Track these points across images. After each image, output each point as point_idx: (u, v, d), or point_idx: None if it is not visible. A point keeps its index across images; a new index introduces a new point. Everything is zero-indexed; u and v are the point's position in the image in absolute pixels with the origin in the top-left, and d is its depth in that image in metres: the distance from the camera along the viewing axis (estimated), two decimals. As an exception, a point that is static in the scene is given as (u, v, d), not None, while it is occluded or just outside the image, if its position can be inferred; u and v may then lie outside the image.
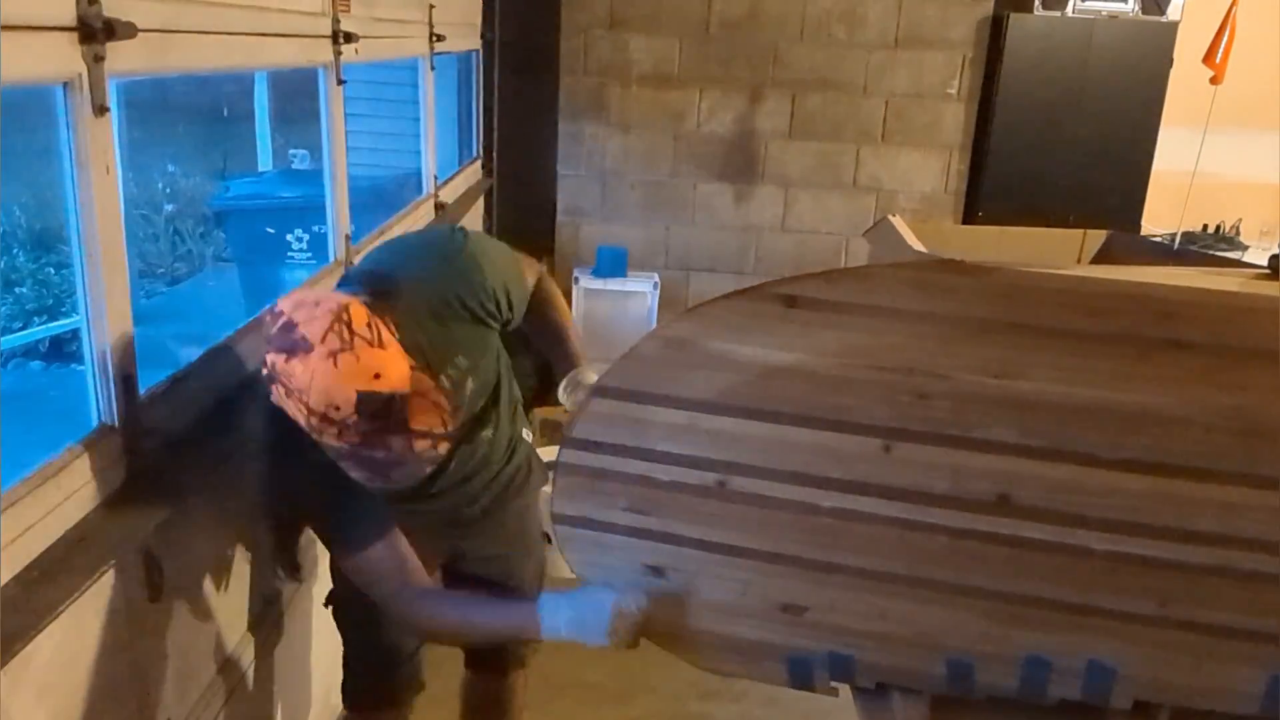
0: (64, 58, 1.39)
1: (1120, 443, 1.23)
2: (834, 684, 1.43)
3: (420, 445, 1.42)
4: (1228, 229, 6.33)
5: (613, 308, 5.08)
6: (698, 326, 1.27)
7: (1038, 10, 4.98)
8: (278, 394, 1.42)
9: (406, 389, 1.40)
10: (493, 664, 2.21)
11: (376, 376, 1.37)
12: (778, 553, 1.33)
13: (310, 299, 1.43)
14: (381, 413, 1.38)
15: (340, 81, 2.61)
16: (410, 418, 1.40)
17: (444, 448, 1.47)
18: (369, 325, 1.41)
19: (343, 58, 2.59)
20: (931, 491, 1.27)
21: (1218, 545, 1.26)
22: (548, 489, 1.45)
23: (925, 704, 1.41)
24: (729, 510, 1.32)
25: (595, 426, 1.34)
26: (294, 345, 1.38)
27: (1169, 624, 1.30)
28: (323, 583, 2.44)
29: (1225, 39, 4.65)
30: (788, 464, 1.29)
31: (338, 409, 1.37)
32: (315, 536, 2.32)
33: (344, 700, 2.11)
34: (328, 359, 1.36)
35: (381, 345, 1.40)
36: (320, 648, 2.50)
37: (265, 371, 1.44)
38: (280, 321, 1.42)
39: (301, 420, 1.41)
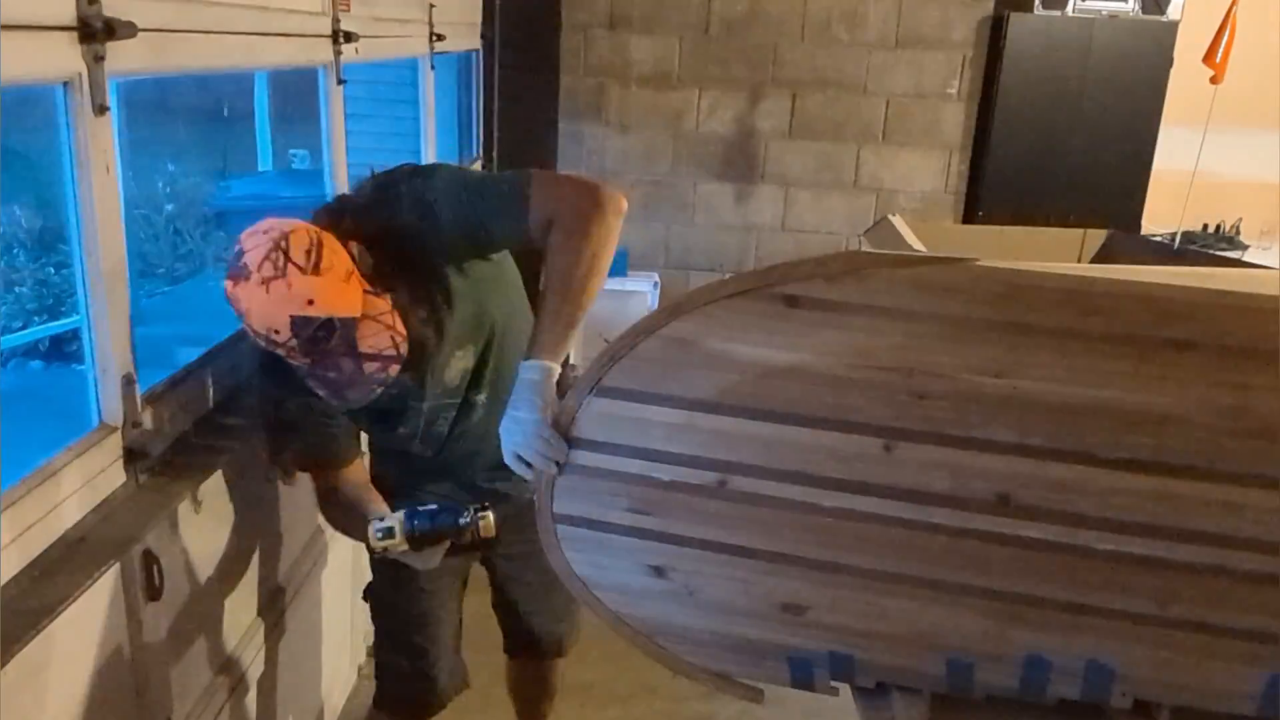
0: (64, 57, 1.39)
1: (1120, 442, 1.23)
2: (834, 683, 1.43)
3: (369, 366, 1.51)
4: (1228, 229, 6.32)
5: (613, 308, 5.06)
6: (698, 326, 1.27)
7: (1038, 10, 4.98)
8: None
9: (351, 313, 1.48)
10: (532, 652, 2.25)
11: (310, 303, 1.44)
12: (778, 552, 1.33)
13: (263, 226, 1.50)
14: (321, 336, 1.46)
15: (340, 81, 2.61)
16: (358, 340, 1.49)
17: (394, 369, 1.55)
18: (308, 252, 1.47)
19: (343, 57, 2.59)
20: (932, 491, 1.26)
21: (1218, 545, 1.25)
22: None
23: (925, 703, 1.41)
24: (730, 510, 1.32)
25: (595, 426, 1.34)
26: (237, 272, 1.46)
27: (1169, 624, 1.30)
28: (327, 578, 2.45)
29: (1225, 39, 4.64)
30: (788, 463, 1.29)
31: (277, 333, 1.46)
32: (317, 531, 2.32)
33: (375, 701, 2.10)
34: (261, 286, 1.44)
35: (317, 272, 1.46)
36: (323, 646, 2.50)
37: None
38: (235, 248, 1.49)
39: (257, 342, 1.51)
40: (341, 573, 2.58)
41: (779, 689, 1.45)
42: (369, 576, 2.06)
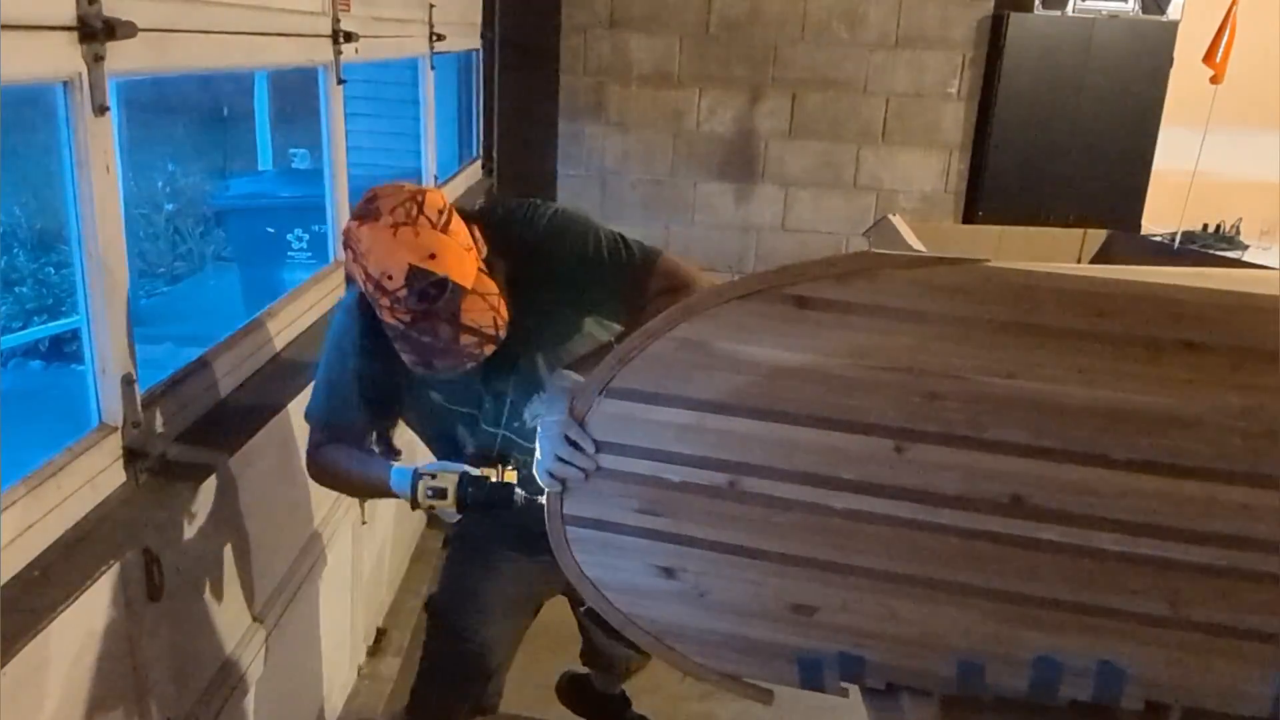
0: (64, 57, 1.38)
1: (1132, 444, 1.22)
2: (844, 684, 1.42)
3: (466, 339, 1.50)
4: (1228, 229, 6.34)
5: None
6: (708, 327, 1.26)
7: (1038, 10, 4.98)
8: (348, 259, 1.53)
9: (464, 282, 1.49)
10: (605, 668, 2.36)
11: (431, 256, 1.47)
12: (789, 553, 1.32)
13: (398, 183, 1.55)
14: (431, 294, 1.47)
15: (340, 81, 2.61)
16: (462, 310, 1.49)
17: (489, 349, 1.54)
18: (440, 211, 1.51)
19: (343, 57, 2.58)
20: (943, 492, 1.26)
21: (1229, 546, 1.25)
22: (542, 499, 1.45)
23: (935, 704, 1.40)
24: (740, 511, 1.31)
25: (605, 427, 1.33)
26: (366, 214, 1.50)
27: (1180, 625, 1.29)
28: (327, 577, 2.44)
29: (1225, 38, 4.64)
30: (799, 465, 1.28)
31: (390, 278, 1.47)
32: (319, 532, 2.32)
33: (409, 709, 2.08)
34: (389, 229, 1.47)
35: (445, 231, 1.50)
36: (323, 647, 2.49)
37: (343, 239, 1.55)
38: (366, 195, 1.54)
39: (364, 287, 1.52)
40: (341, 573, 2.57)
41: (788, 690, 1.44)
42: (369, 576, 2.06)
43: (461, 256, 1.50)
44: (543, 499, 1.46)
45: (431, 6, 3.53)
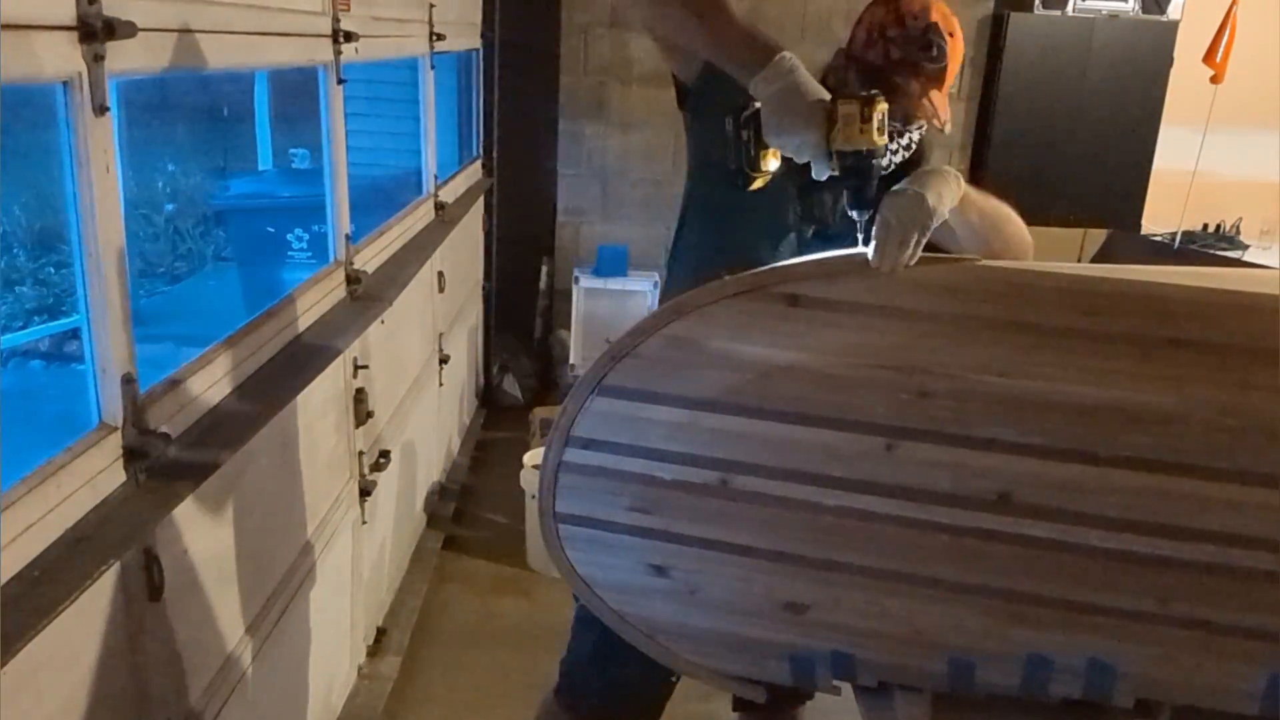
0: (64, 57, 1.39)
1: (1122, 441, 1.23)
2: (836, 682, 1.43)
3: (920, 109, 1.66)
4: (1228, 228, 6.33)
5: (613, 307, 5.08)
6: (700, 326, 1.27)
7: (1038, 9, 4.98)
8: (872, 9, 1.70)
9: (945, 82, 1.68)
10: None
11: (950, 35, 1.67)
12: (780, 551, 1.33)
13: None
14: (932, 52, 1.64)
15: (340, 81, 2.61)
16: (928, 97, 1.66)
17: (912, 137, 1.72)
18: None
19: (343, 57, 2.59)
20: (933, 490, 1.26)
21: (1219, 543, 1.25)
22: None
23: (927, 702, 1.40)
24: (731, 509, 1.32)
25: (597, 425, 1.34)
26: None
27: (1170, 622, 1.30)
28: (328, 577, 2.45)
29: (1225, 38, 4.65)
30: (790, 462, 1.29)
31: (916, 18, 1.65)
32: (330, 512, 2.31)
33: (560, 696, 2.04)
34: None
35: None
36: (323, 645, 2.50)
37: None
38: None
39: (878, 19, 1.67)
40: (341, 572, 2.58)
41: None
42: (369, 576, 2.05)
43: (953, 72, 1.68)
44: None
45: (431, 6, 3.54)
